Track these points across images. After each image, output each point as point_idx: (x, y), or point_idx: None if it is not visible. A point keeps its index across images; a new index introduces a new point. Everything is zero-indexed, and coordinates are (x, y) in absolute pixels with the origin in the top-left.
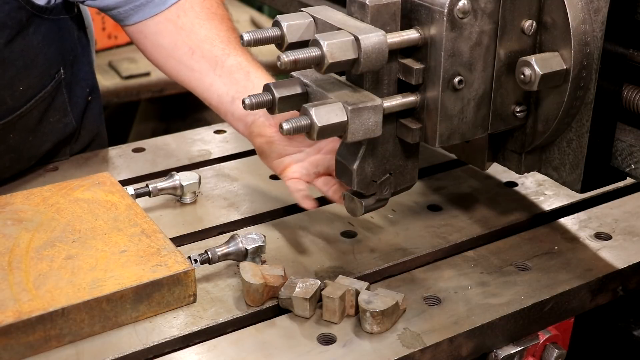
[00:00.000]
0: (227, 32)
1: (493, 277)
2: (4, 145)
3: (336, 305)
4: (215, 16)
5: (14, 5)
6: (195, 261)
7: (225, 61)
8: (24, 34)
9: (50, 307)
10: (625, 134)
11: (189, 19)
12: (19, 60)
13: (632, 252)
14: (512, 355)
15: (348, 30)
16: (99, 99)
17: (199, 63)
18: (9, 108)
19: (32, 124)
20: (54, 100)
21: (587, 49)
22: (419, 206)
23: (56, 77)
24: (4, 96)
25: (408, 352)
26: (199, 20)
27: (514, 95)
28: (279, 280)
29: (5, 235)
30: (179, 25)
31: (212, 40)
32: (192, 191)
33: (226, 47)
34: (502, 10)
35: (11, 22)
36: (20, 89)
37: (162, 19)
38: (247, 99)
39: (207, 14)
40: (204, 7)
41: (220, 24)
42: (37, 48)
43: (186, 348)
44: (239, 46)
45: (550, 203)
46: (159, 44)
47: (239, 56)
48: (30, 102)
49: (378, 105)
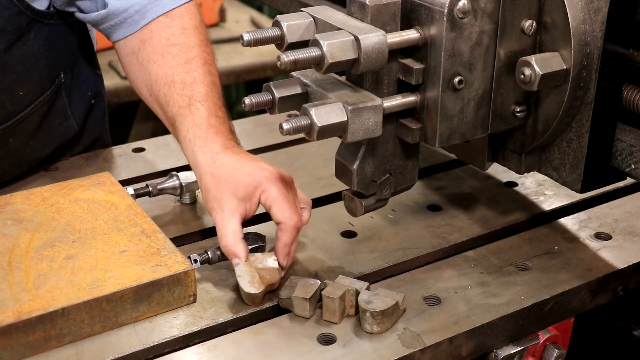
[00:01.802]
0: (174, 68)
1: (493, 277)
2: (4, 150)
3: (336, 305)
4: (172, 48)
5: (13, 11)
6: (195, 261)
7: (166, 111)
8: (25, 39)
9: (50, 307)
10: (625, 134)
11: (147, 53)
12: (19, 65)
13: (632, 252)
14: (512, 355)
15: (348, 30)
16: (103, 103)
17: (155, 106)
18: (8, 113)
19: (32, 129)
20: (54, 105)
21: (587, 49)
22: (419, 206)
23: (56, 82)
24: (4, 101)
25: (408, 352)
26: (154, 55)
27: (514, 95)
28: (274, 274)
29: (5, 235)
30: (139, 60)
31: (159, 81)
32: (192, 191)
33: (167, 92)
34: (502, 10)
35: (11, 28)
36: (20, 94)
37: (130, 51)
38: (247, 98)
39: (164, 47)
40: (162, 38)
41: (173, 59)
42: (37, 53)
43: (186, 348)
44: (179, 90)
45: (550, 203)
46: (129, 73)
47: (174, 106)
48: (30, 106)
49: (378, 105)
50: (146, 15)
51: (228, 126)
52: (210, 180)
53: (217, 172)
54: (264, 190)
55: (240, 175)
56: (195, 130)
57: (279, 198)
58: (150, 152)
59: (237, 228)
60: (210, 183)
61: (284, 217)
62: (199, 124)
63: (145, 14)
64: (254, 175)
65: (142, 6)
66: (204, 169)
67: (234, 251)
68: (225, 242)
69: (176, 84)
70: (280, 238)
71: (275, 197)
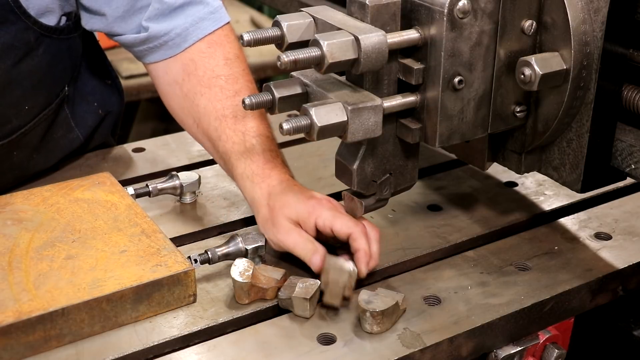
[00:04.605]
0: (224, 102)
1: (493, 277)
2: (8, 163)
3: (340, 288)
4: (218, 80)
5: (20, 27)
6: (195, 261)
7: (218, 146)
8: (33, 54)
9: (50, 307)
10: (625, 134)
11: (192, 85)
12: (27, 80)
13: (632, 252)
14: (512, 355)
15: (348, 30)
16: (114, 117)
17: (203, 139)
18: (13, 127)
19: (36, 141)
20: (57, 117)
21: (587, 49)
22: (419, 206)
23: (61, 94)
24: (9, 115)
25: (408, 352)
26: (200, 87)
27: (514, 95)
28: (271, 282)
29: (5, 235)
30: (184, 91)
31: (209, 115)
32: (192, 191)
33: (218, 127)
34: (502, 10)
35: (19, 44)
36: (26, 108)
37: (172, 80)
38: (247, 98)
39: (210, 79)
40: (207, 70)
41: (220, 92)
42: (45, 68)
43: (186, 348)
44: (231, 125)
45: (550, 203)
46: (169, 104)
47: (227, 142)
48: (35, 119)
49: (378, 105)
50: (188, 38)
51: (281, 159)
52: (266, 211)
53: (272, 203)
54: (318, 216)
55: (294, 202)
56: (252, 167)
57: (336, 216)
58: (150, 152)
59: (300, 231)
60: (267, 213)
61: (349, 227)
62: (255, 161)
63: (187, 37)
64: (307, 203)
65: (184, 29)
66: (262, 202)
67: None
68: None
69: (227, 119)
70: (357, 247)
71: (332, 216)
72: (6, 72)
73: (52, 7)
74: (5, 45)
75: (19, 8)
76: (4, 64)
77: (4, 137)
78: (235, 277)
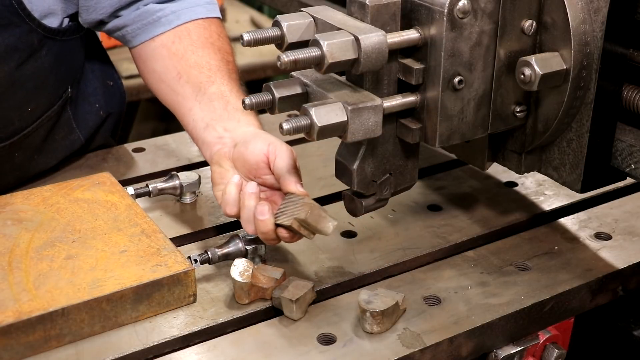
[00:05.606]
0: (219, 61)
1: (493, 277)
2: (9, 164)
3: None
4: (212, 46)
5: (24, 29)
6: (195, 261)
7: (208, 88)
8: (36, 56)
9: (50, 307)
10: (625, 134)
11: (183, 45)
12: (30, 82)
13: (632, 252)
14: (512, 355)
15: (348, 30)
16: (115, 118)
17: (184, 88)
18: (16, 128)
19: (38, 142)
20: (60, 118)
21: (587, 49)
22: (419, 206)
23: (63, 96)
24: (12, 117)
25: (408, 352)
26: (192, 47)
27: (514, 95)
28: (270, 282)
29: (5, 235)
30: (173, 50)
31: (200, 66)
32: (192, 191)
33: (213, 74)
34: (502, 10)
35: (22, 46)
36: (29, 110)
37: (159, 44)
38: (247, 98)
39: (203, 43)
40: (201, 36)
41: (214, 53)
42: (48, 69)
43: (186, 348)
44: (227, 76)
45: (550, 203)
46: (152, 69)
47: (224, 85)
48: (37, 121)
49: (378, 105)
50: (181, 16)
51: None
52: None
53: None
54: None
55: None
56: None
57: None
58: (150, 152)
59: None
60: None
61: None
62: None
63: (180, 15)
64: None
65: (178, 9)
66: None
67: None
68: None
69: (222, 71)
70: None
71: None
72: (9, 74)
73: (55, 9)
74: (9, 47)
75: (23, 10)
76: (8, 66)
77: (6, 139)
78: (235, 277)
